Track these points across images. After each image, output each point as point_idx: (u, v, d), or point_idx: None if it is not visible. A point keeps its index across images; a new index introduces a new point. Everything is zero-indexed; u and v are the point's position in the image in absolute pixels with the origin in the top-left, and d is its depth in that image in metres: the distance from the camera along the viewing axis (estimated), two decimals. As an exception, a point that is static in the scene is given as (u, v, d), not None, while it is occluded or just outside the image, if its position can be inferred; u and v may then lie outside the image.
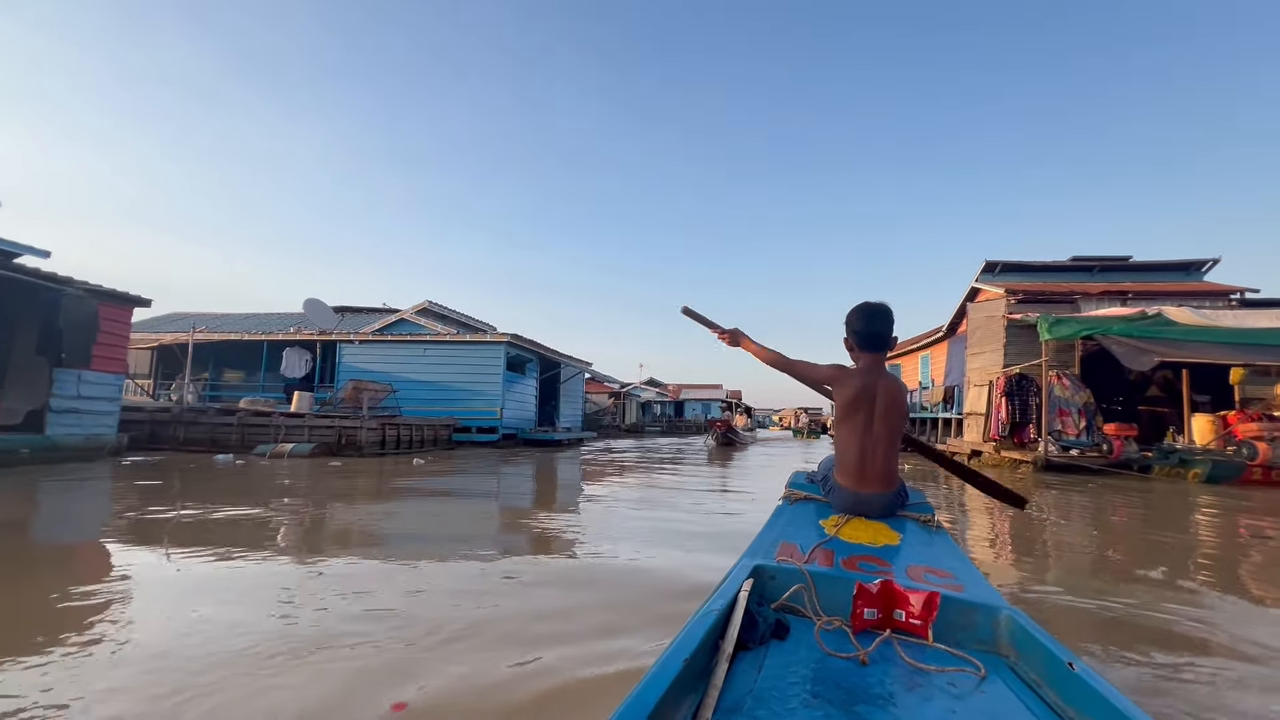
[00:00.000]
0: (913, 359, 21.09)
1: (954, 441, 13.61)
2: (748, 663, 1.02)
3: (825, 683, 0.96)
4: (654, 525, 4.63)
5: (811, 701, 0.90)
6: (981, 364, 12.85)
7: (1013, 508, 2.63)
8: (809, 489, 2.17)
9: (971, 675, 1.01)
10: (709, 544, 3.89)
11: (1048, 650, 1.00)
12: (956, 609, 1.16)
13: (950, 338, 17.22)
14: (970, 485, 2.61)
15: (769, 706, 0.88)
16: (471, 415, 14.99)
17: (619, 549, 3.63)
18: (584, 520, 4.83)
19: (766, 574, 1.30)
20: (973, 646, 1.12)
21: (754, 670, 0.99)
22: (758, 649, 1.07)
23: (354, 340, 15.76)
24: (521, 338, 15.83)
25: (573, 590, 2.81)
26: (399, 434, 11.93)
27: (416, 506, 5.43)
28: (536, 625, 2.29)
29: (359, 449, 10.71)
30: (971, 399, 12.86)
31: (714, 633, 1.02)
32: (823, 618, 1.17)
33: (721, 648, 0.99)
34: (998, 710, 0.91)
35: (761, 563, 1.34)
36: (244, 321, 18.85)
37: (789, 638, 1.12)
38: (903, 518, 1.92)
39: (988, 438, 11.78)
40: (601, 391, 44.55)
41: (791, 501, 2.11)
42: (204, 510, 4.70)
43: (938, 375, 17.80)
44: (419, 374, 15.42)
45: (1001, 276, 14.58)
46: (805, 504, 2.07)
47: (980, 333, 12.96)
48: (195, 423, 11.17)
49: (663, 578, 3.04)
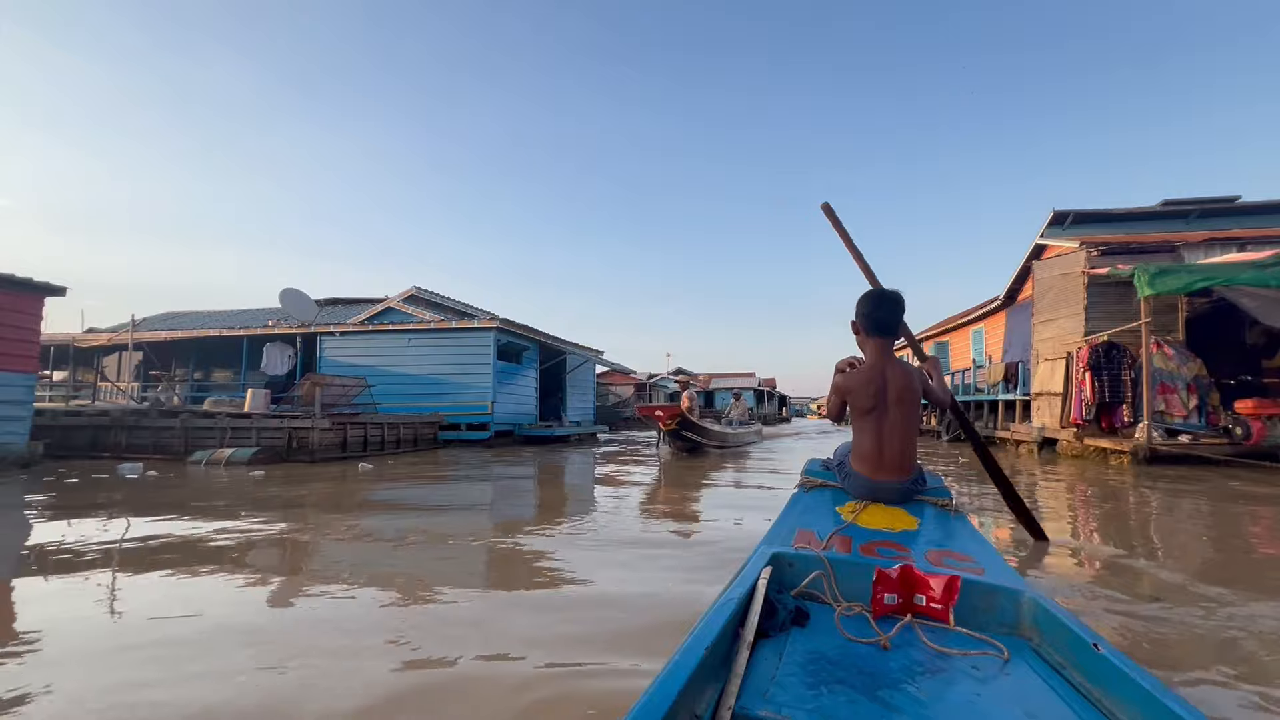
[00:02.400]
0: (962, 335, 18.64)
1: (1019, 428, 11.37)
2: (769, 649, 1.03)
3: (848, 667, 0.97)
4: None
5: (835, 686, 0.91)
6: (1054, 333, 10.57)
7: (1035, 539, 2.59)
8: (824, 476, 2.16)
9: (995, 658, 1.01)
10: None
11: (1072, 632, 1.00)
12: (978, 593, 1.17)
13: (1009, 307, 14.80)
14: (1000, 492, 2.75)
15: (792, 692, 0.89)
16: (460, 411, 13.49)
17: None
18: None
19: (785, 561, 1.30)
20: (995, 630, 1.13)
21: (775, 657, 1.00)
22: (778, 636, 1.07)
23: (334, 332, 14.45)
24: (514, 323, 14.22)
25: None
26: (365, 434, 10.47)
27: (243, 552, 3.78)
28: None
29: (310, 453, 9.28)
30: (1042, 376, 10.61)
31: (734, 620, 1.02)
32: (843, 603, 1.18)
33: (742, 635, 0.99)
34: (1023, 692, 0.92)
35: (780, 550, 1.34)
36: (228, 318, 17.81)
37: (809, 624, 1.13)
38: (921, 503, 1.91)
39: (1066, 422, 9.56)
40: (626, 383, 43.00)
41: (807, 489, 2.11)
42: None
43: (994, 351, 15.42)
44: (403, 366, 14.00)
45: (1074, 229, 12.16)
46: (821, 491, 2.07)
47: (1052, 295, 10.67)
48: (138, 426, 9.94)
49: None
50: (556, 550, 3.42)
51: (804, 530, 1.61)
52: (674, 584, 2.67)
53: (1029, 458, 10.26)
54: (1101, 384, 8.85)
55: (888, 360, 1.97)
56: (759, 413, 44.35)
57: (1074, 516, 4.68)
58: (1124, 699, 0.85)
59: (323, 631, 2.15)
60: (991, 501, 5.04)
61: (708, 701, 0.83)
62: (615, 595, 2.53)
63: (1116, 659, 0.89)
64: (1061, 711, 0.88)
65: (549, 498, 5.95)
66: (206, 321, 17.52)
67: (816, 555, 1.30)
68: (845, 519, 1.73)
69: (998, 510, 4.53)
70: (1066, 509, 5.03)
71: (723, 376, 49.02)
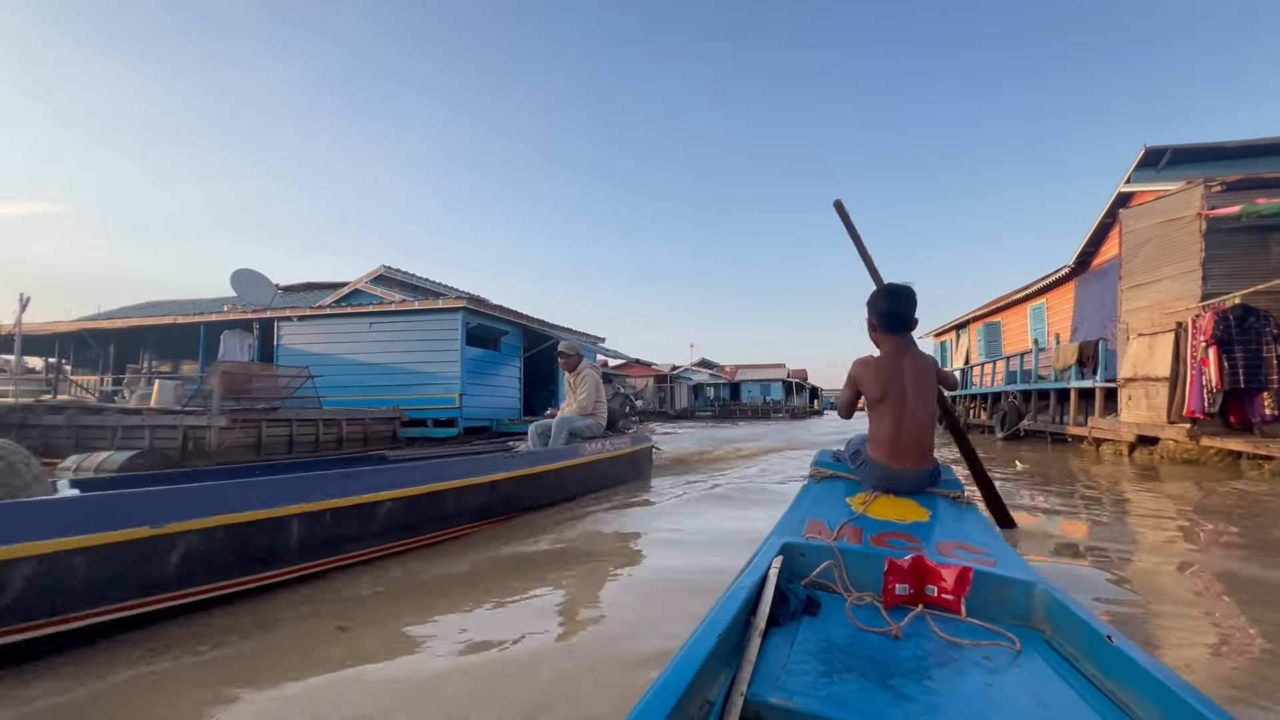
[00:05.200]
0: (1018, 313, 15.99)
1: (1100, 424, 8.93)
2: (780, 638, 1.03)
3: (859, 656, 0.97)
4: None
5: (846, 675, 0.91)
6: (1153, 299, 8.11)
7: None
8: (835, 467, 2.14)
9: (1007, 649, 1.01)
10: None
11: (1085, 624, 0.99)
12: (990, 584, 1.16)
13: (1080, 275, 12.22)
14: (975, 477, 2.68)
15: (804, 679, 0.89)
16: (426, 405, 11.73)
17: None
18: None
19: (796, 551, 1.31)
20: (1007, 621, 1.12)
21: (787, 645, 1.00)
22: (789, 624, 1.07)
23: (291, 317, 12.88)
24: (485, 302, 12.40)
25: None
26: (291, 434, 8.78)
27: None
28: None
29: (207, 455, 7.62)
30: (1135, 356, 8.17)
31: (746, 609, 1.02)
32: (854, 593, 1.17)
33: (754, 623, 1.00)
34: (1035, 683, 0.92)
35: (791, 540, 1.34)
36: (192, 306, 16.49)
37: (820, 614, 1.12)
38: (932, 494, 1.91)
39: (1176, 415, 7.14)
40: (646, 374, 41.03)
41: (818, 480, 2.10)
42: None
43: (1060, 328, 12.85)
44: (366, 355, 12.33)
45: (1173, 170, 9.58)
46: (832, 482, 2.06)
47: (1150, 250, 8.19)
48: (26, 425, 8.47)
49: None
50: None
51: (814, 521, 1.61)
52: None
53: (1116, 462, 7.88)
54: (1233, 363, 6.42)
55: (906, 352, 1.97)
56: (789, 405, 41.76)
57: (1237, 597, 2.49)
58: (1139, 692, 0.85)
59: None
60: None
61: (720, 688, 0.85)
62: None
63: (1131, 651, 0.89)
64: (1074, 703, 0.88)
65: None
66: (172, 310, 16.26)
67: (828, 545, 1.30)
68: (856, 510, 1.73)
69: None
70: (1222, 567, 2.83)
71: (749, 368, 46.56)
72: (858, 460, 2.00)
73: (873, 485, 1.93)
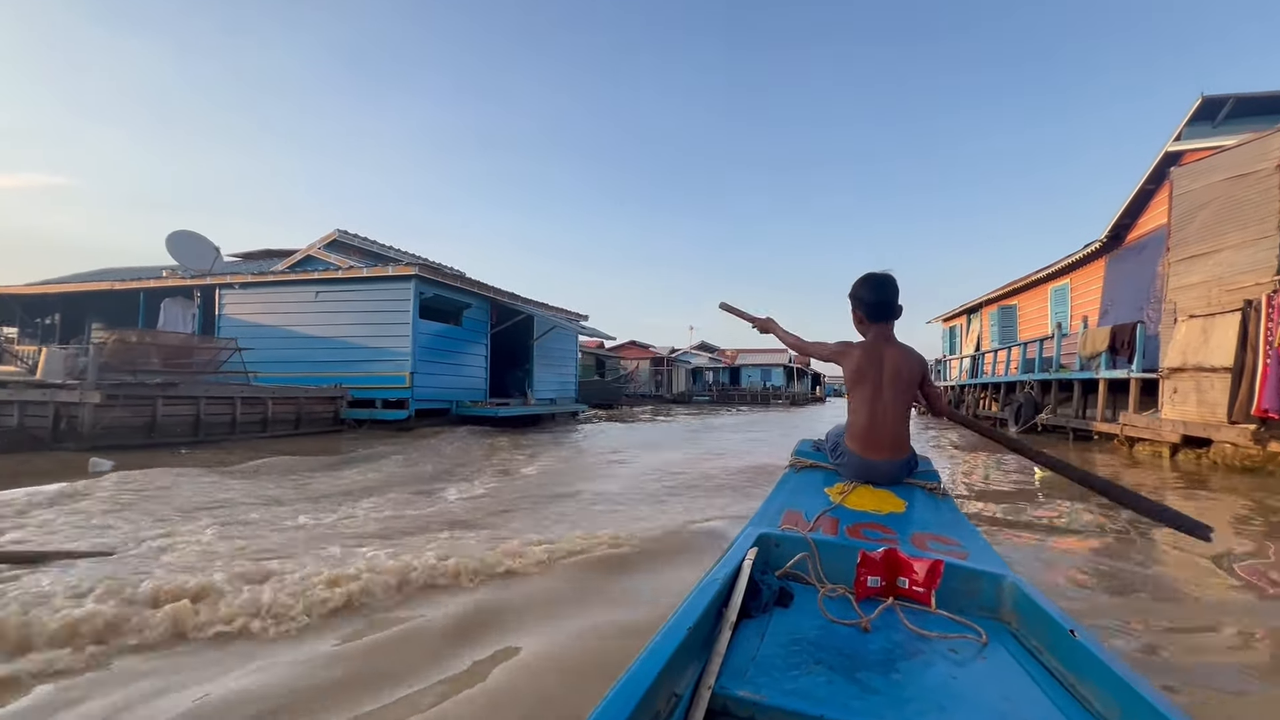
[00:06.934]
0: (1036, 295, 14.61)
1: (1136, 420, 7.65)
2: (751, 630, 1.03)
3: (828, 649, 0.98)
4: None
5: (814, 668, 0.92)
6: (1212, 272, 6.76)
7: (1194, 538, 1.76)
8: (815, 457, 2.13)
9: (973, 642, 1.02)
10: None
11: (1050, 617, 1.01)
12: (960, 576, 1.17)
13: (1113, 251, 10.83)
14: (1111, 499, 1.94)
15: (771, 673, 0.89)
16: (374, 383, 10.57)
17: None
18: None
19: (771, 541, 1.30)
20: (976, 613, 1.13)
21: (757, 637, 1.01)
22: (761, 616, 1.08)
23: (233, 284, 11.69)
24: (442, 269, 11.17)
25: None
26: (198, 413, 7.62)
27: None
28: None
29: (79, 438, 6.47)
30: (1186, 341, 6.85)
31: (718, 601, 1.03)
32: (826, 585, 1.18)
33: (725, 615, 1.00)
34: (999, 675, 0.94)
35: (766, 530, 1.34)
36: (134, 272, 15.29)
37: (793, 605, 1.13)
38: (910, 485, 1.91)
39: (1243, 414, 5.85)
40: (643, 357, 39.77)
41: (797, 469, 2.08)
42: None
43: (1088, 311, 11.49)
44: (313, 326, 11.14)
45: (1234, 124, 8.16)
46: (811, 472, 2.05)
47: (1211, 213, 6.82)
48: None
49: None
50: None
51: (792, 511, 1.62)
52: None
53: (1155, 466, 6.64)
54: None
55: (889, 342, 1.97)
56: (789, 391, 40.51)
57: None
58: (1099, 686, 0.87)
59: None
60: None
61: (689, 681, 0.85)
62: None
63: (1093, 646, 0.91)
64: (1035, 696, 0.89)
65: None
66: (123, 277, 15.10)
67: (802, 537, 1.30)
68: (834, 500, 1.74)
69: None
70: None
71: (750, 352, 45.20)
72: (836, 452, 2.02)
73: (850, 476, 1.94)
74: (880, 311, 1.96)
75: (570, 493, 4.86)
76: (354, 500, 4.25)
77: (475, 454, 7.35)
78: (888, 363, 1.92)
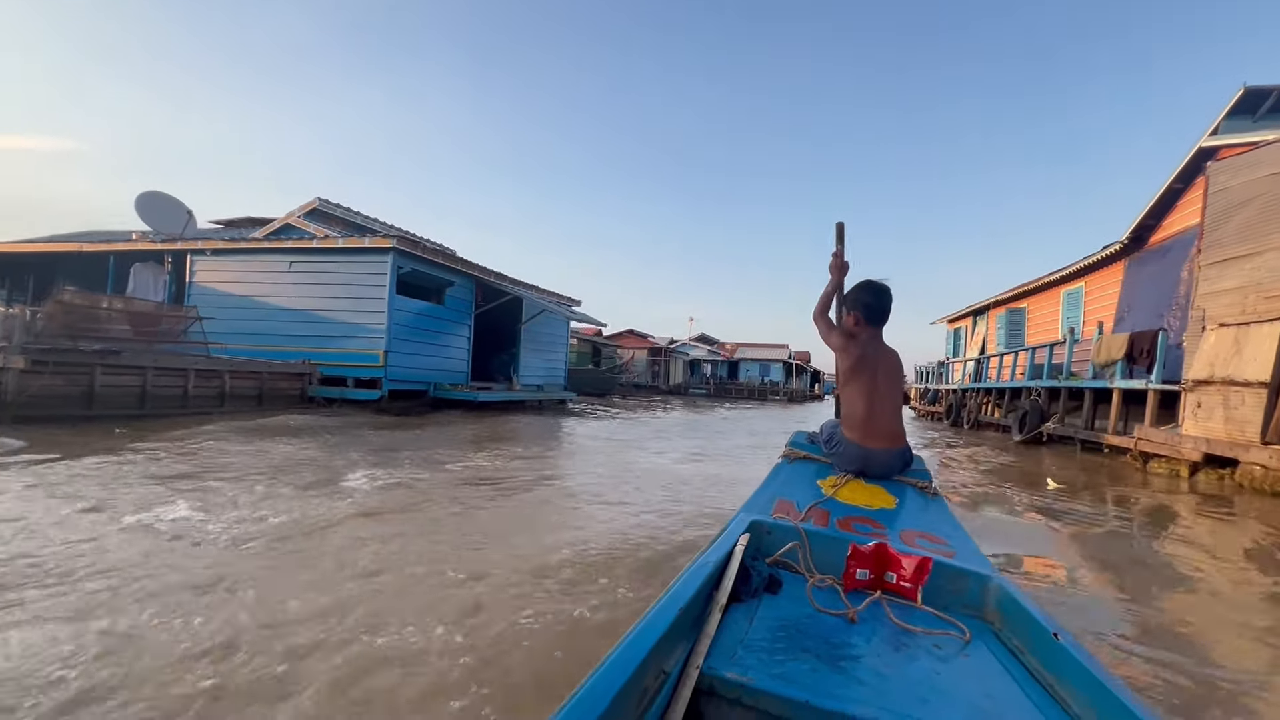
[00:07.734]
0: (1048, 299, 14.00)
1: (1151, 433, 7.09)
2: (740, 614, 1.04)
3: (814, 637, 0.98)
4: None
5: (800, 654, 0.92)
6: (1249, 277, 6.17)
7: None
8: (809, 449, 2.14)
9: (956, 639, 1.03)
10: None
11: (1034, 619, 1.01)
12: (947, 574, 1.18)
13: (1134, 254, 10.23)
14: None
15: (758, 656, 0.90)
16: (346, 360, 10.02)
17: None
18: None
19: (762, 529, 1.32)
20: (961, 612, 1.14)
21: (746, 621, 1.01)
22: (750, 601, 1.08)
23: (204, 251, 11.11)
24: (422, 243, 10.57)
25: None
26: (144, 385, 7.08)
27: None
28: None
29: (3, 406, 5.94)
30: (1215, 352, 6.28)
31: (709, 583, 1.03)
32: (815, 575, 1.18)
33: (715, 598, 1.00)
34: (980, 673, 0.94)
35: (758, 518, 1.36)
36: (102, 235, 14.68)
37: (781, 592, 1.14)
38: (901, 483, 1.91)
39: (1278, 434, 5.29)
40: (642, 345, 39.18)
41: (791, 460, 2.08)
42: None
43: (1103, 316, 10.89)
44: (286, 298, 10.58)
45: (1277, 117, 7.52)
46: (804, 463, 2.05)
47: (1252, 212, 6.21)
48: None
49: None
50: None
51: (784, 500, 1.61)
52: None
53: (1171, 485, 6.09)
54: (1377, 367, 4.56)
55: (880, 344, 2.08)
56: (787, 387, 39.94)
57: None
58: (1078, 688, 0.86)
59: None
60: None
61: (677, 660, 0.86)
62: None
63: (1074, 649, 0.90)
64: (1015, 695, 0.89)
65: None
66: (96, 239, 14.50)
67: (794, 526, 1.30)
68: (825, 493, 1.73)
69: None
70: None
71: (750, 346, 44.65)
72: (832, 443, 2.03)
73: (845, 467, 1.96)
74: (880, 316, 2.09)
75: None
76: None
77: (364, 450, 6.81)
78: (882, 360, 2.03)
